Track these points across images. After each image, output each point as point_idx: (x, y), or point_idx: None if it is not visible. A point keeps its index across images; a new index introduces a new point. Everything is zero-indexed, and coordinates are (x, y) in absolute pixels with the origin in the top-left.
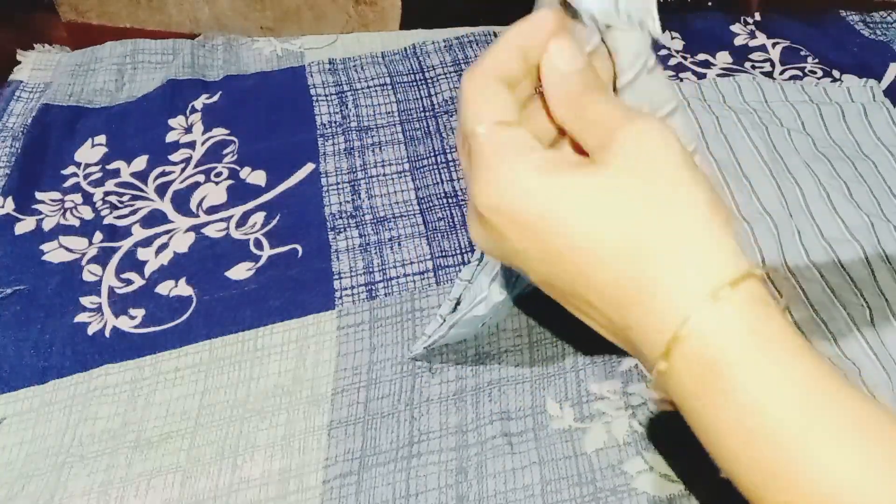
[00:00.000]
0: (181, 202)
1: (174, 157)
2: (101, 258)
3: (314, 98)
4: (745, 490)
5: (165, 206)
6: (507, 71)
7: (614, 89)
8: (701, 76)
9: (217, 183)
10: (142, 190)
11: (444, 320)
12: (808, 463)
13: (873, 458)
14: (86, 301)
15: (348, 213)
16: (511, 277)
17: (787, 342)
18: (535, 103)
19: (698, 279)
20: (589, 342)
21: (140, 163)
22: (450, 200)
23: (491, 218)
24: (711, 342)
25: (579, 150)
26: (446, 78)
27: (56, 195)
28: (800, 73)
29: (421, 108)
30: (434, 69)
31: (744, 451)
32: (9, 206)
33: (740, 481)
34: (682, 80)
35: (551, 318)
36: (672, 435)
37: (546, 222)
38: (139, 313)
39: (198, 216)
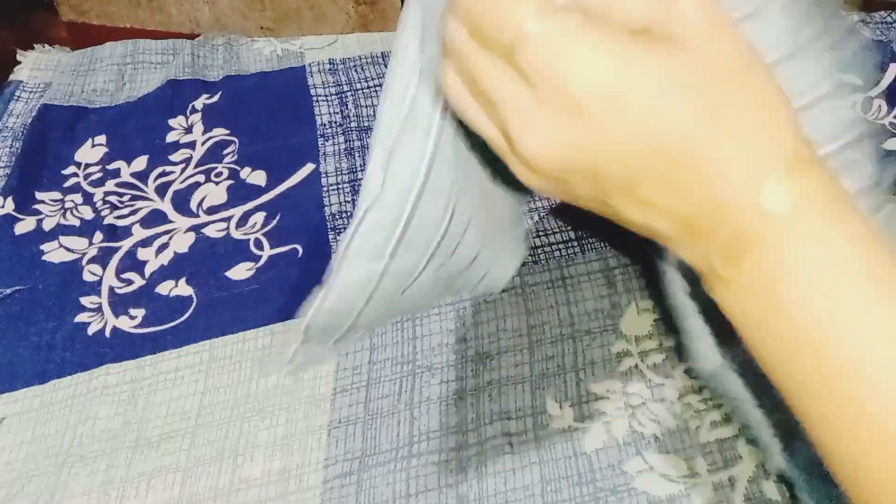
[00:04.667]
0: (181, 202)
1: (174, 158)
2: (102, 258)
3: (314, 98)
4: (804, 342)
5: (165, 206)
6: None
7: None
8: None
9: (217, 183)
10: (142, 190)
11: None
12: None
13: None
14: (86, 301)
15: (348, 214)
16: None
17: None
18: None
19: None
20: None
21: (140, 163)
22: None
23: (590, 102)
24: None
25: None
26: None
27: (56, 195)
28: None
29: None
30: None
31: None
32: (9, 206)
33: (806, 340)
34: None
35: (551, 312)
36: (672, 435)
37: (650, 102)
38: (139, 313)
39: (198, 216)
